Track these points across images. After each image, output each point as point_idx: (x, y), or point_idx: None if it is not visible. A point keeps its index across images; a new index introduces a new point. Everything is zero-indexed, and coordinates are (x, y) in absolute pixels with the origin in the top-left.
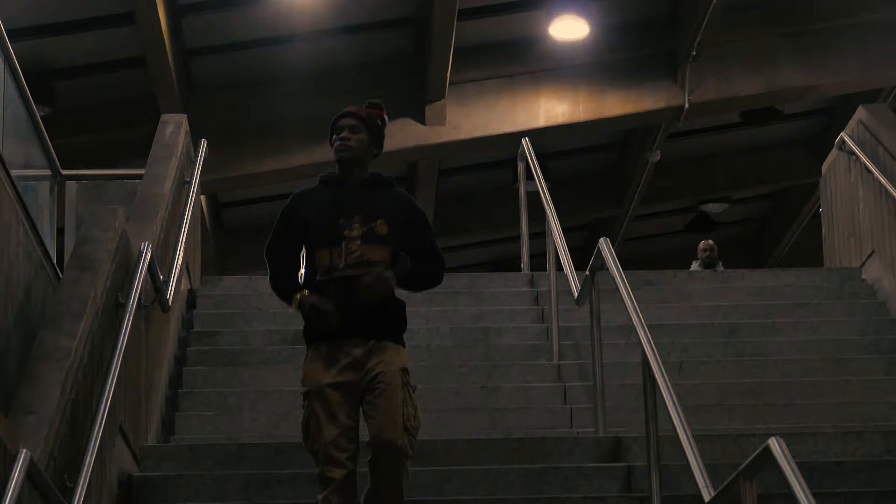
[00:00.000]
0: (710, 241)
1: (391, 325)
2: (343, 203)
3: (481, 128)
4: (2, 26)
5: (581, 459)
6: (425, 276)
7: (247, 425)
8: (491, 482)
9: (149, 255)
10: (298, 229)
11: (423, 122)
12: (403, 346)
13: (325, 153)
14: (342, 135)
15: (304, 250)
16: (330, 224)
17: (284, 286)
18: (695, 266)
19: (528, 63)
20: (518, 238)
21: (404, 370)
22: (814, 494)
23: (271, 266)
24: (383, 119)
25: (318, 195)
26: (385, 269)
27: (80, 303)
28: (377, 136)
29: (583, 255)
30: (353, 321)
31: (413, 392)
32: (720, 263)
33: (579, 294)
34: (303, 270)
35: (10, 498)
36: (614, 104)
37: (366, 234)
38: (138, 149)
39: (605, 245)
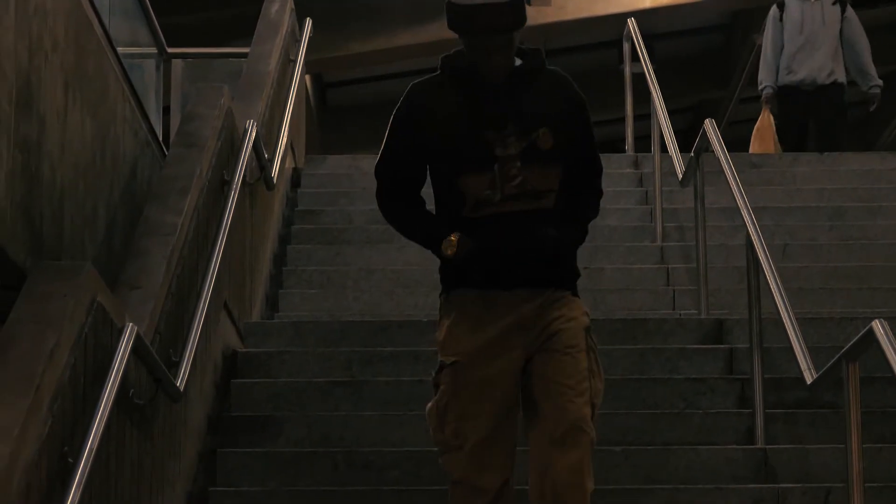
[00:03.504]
0: None
1: (570, 270)
2: (487, 107)
3: (587, 8)
4: None
5: (683, 341)
6: (589, 215)
7: (350, 303)
8: None
9: (254, 133)
10: (422, 144)
11: (528, 2)
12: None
13: (430, 33)
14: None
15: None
16: (474, 139)
17: (420, 224)
18: None
19: None
20: (623, 120)
21: (588, 330)
22: None
23: (388, 195)
24: None
25: (445, 95)
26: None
27: (186, 179)
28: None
29: (687, 137)
30: (518, 267)
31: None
32: None
33: (684, 175)
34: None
35: (117, 370)
36: None
37: (526, 150)
38: (244, 27)
39: (710, 126)
